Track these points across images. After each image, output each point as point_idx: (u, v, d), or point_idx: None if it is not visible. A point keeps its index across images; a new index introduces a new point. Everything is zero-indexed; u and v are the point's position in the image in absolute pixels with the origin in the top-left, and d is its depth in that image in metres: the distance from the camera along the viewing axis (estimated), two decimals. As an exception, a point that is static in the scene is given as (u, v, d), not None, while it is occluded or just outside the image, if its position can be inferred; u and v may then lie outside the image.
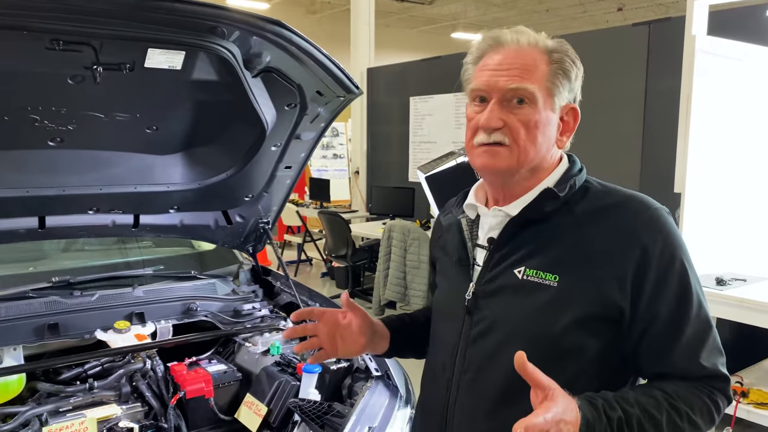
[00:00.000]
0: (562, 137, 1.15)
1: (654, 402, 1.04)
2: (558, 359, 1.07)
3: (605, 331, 1.08)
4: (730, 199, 3.52)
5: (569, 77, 1.11)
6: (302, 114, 2.08)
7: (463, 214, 1.25)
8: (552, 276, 1.08)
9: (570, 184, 1.13)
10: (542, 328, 1.08)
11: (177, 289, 2.47)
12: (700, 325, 1.08)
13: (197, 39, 1.63)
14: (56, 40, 1.48)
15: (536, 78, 1.08)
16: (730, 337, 3.53)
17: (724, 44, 3.34)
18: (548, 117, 1.10)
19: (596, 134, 4.59)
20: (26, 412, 1.85)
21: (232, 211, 2.52)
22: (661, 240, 1.06)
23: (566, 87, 1.11)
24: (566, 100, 1.13)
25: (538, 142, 1.10)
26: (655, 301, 1.06)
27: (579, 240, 1.09)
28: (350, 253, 6.35)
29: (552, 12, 15.54)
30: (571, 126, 1.15)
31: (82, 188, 2.09)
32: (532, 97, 1.08)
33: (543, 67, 1.09)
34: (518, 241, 1.14)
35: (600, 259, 1.06)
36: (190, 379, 2.08)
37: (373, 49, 7.73)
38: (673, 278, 1.06)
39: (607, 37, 4.92)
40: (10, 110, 1.74)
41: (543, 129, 1.10)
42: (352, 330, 1.30)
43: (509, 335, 1.12)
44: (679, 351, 1.07)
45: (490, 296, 1.16)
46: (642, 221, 1.08)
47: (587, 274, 1.06)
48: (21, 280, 2.31)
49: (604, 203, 1.11)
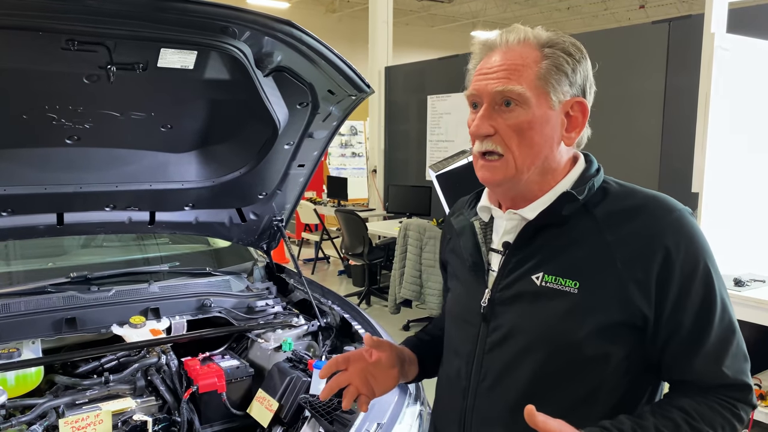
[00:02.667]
0: (570, 134, 1.09)
1: (673, 425, 1.00)
2: (580, 368, 1.05)
3: (628, 338, 1.04)
4: (749, 199, 3.47)
5: (565, 71, 1.05)
6: (314, 113, 2.10)
7: (476, 217, 1.22)
8: (572, 282, 1.04)
9: (588, 186, 1.09)
10: (563, 337, 1.05)
11: (192, 286, 2.50)
12: (724, 331, 1.04)
13: (209, 39, 1.65)
14: (71, 41, 1.52)
15: (525, 77, 1.04)
16: (749, 339, 3.46)
17: (743, 42, 3.30)
18: (545, 115, 1.05)
19: (615, 132, 4.56)
20: (44, 404, 1.89)
21: (246, 209, 2.55)
22: (685, 243, 1.02)
23: (563, 81, 1.05)
24: (568, 94, 1.06)
25: (536, 144, 1.06)
26: (679, 307, 1.02)
27: (600, 244, 1.04)
28: (367, 252, 6.36)
29: (573, 10, 15.41)
30: (579, 121, 1.09)
31: (99, 185, 2.13)
32: (520, 98, 1.04)
33: (533, 65, 1.05)
34: (535, 246, 1.10)
35: (622, 264, 1.02)
36: (203, 374, 2.10)
37: (391, 48, 7.73)
38: (697, 283, 1.02)
39: (627, 34, 4.87)
40: (29, 109, 1.78)
41: (539, 129, 1.05)
42: (382, 365, 1.27)
43: (529, 344, 1.08)
44: (702, 358, 1.03)
45: (507, 303, 1.12)
46: (665, 224, 1.03)
47: (609, 279, 1.02)
48: (40, 276, 2.36)
49: (625, 205, 1.06)
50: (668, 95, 4.41)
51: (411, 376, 1.35)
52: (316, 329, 2.43)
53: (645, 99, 4.54)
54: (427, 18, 16.22)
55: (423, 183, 6.90)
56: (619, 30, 5.37)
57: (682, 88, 4.24)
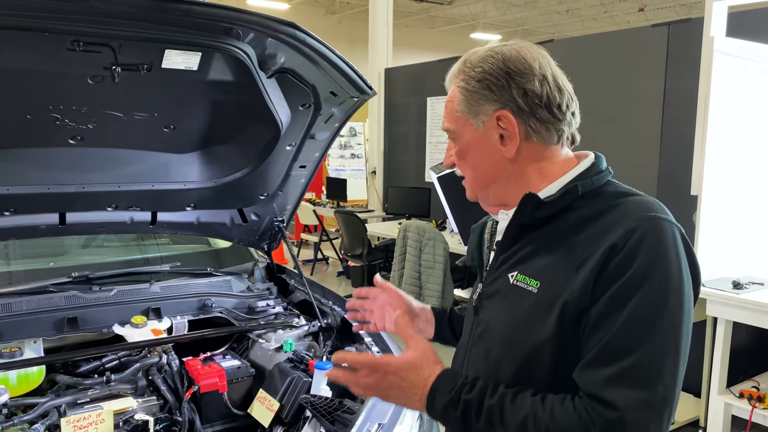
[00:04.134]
0: (506, 147, 1.09)
1: (519, 402, 1.00)
2: (535, 366, 1.05)
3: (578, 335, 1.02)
4: (748, 202, 3.49)
5: (475, 90, 1.09)
6: (316, 114, 2.11)
7: (490, 217, 1.31)
8: (534, 282, 1.07)
9: (568, 188, 1.07)
10: (521, 334, 1.07)
11: (193, 286, 2.50)
12: (630, 344, 0.95)
13: (213, 40, 1.66)
14: (77, 42, 1.53)
15: (449, 112, 1.14)
16: (747, 342, 3.49)
17: (742, 46, 3.31)
18: (475, 139, 1.12)
19: (614, 135, 4.57)
20: (45, 403, 1.89)
21: (247, 210, 2.56)
22: (636, 246, 0.97)
23: (479, 103, 1.09)
24: (492, 110, 1.08)
25: (479, 165, 1.14)
26: (602, 300, 0.97)
27: (565, 247, 1.05)
28: (366, 253, 6.37)
29: (573, 12, 15.43)
30: (510, 132, 1.08)
31: (102, 185, 2.14)
32: (453, 133, 1.15)
33: (453, 99, 1.13)
34: (518, 246, 1.13)
35: (579, 265, 1.01)
36: (204, 374, 2.11)
37: (390, 50, 7.75)
38: (629, 286, 0.96)
39: (626, 37, 4.88)
40: (33, 109, 1.79)
41: (475, 152, 1.13)
42: (390, 309, 1.43)
43: (495, 338, 1.13)
44: (590, 359, 0.98)
45: (489, 298, 1.17)
46: (626, 223, 0.99)
47: (565, 281, 1.02)
48: (42, 275, 2.36)
49: (601, 208, 1.05)
50: (667, 98, 4.42)
51: (425, 334, 1.46)
52: (317, 330, 2.44)
53: (644, 102, 4.55)
54: (426, 20, 16.24)
55: (422, 185, 6.91)
56: (619, 33, 5.38)
57: (682, 92, 4.26)
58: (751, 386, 3.40)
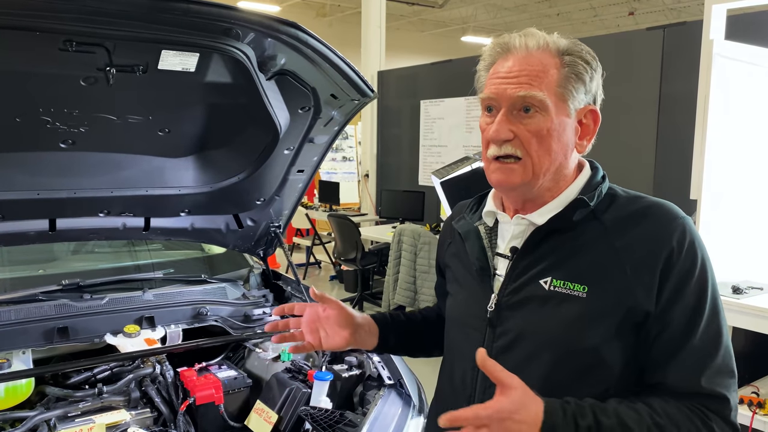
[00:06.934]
0: (582, 141, 1.11)
1: (635, 416, 0.98)
2: (588, 373, 1.04)
3: (635, 342, 1.05)
4: (747, 206, 3.47)
5: (583, 80, 1.07)
6: (316, 117, 2.06)
7: (480, 221, 1.22)
8: (581, 287, 1.04)
9: (597, 192, 1.10)
10: (573, 341, 1.05)
11: (187, 293, 2.44)
12: (709, 339, 1.03)
13: (211, 41, 1.60)
14: (69, 41, 1.47)
15: (546, 84, 1.05)
16: (747, 347, 3.47)
17: (741, 49, 3.29)
18: (562, 123, 1.06)
19: (609, 139, 4.55)
20: (35, 416, 1.83)
21: (243, 215, 2.50)
22: (686, 246, 1.03)
23: (581, 90, 1.07)
24: (583, 102, 1.08)
25: (553, 151, 1.07)
26: (672, 304, 1.02)
27: (607, 249, 1.05)
28: (360, 257, 6.32)
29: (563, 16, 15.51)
30: (591, 129, 1.11)
31: (93, 191, 2.07)
32: (541, 104, 1.04)
33: (554, 72, 1.05)
34: (543, 251, 1.10)
35: (630, 268, 1.03)
36: (199, 384, 2.05)
37: (383, 53, 7.72)
38: (692, 284, 1.03)
39: (621, 41, 4.87)
40: (22, 112, 1.72)
41: (558, 136, 1.06)
42: (332, 322, 1.28)
43: (538, 348, 1.08)
44: (680, 362, 1.02)
45: (514, 308, 1.11)
46: (671, 228, 1.04)
47: (617, 284, 1.03)
48: (30, 283, 2.29)
49: (631, 211, 1.08)
50: (663, 102, 4.41)
51: (368, 345, 1.35)
52: (315, 338, 2.38)
53: (640, 106, 4.54)
54: (417, 23, 16.24)
55: (415, 188, 6.87)
56: (614, 36, 5.37)
57: (677, 96, 4.25)
58: (751, 392, 3.37)
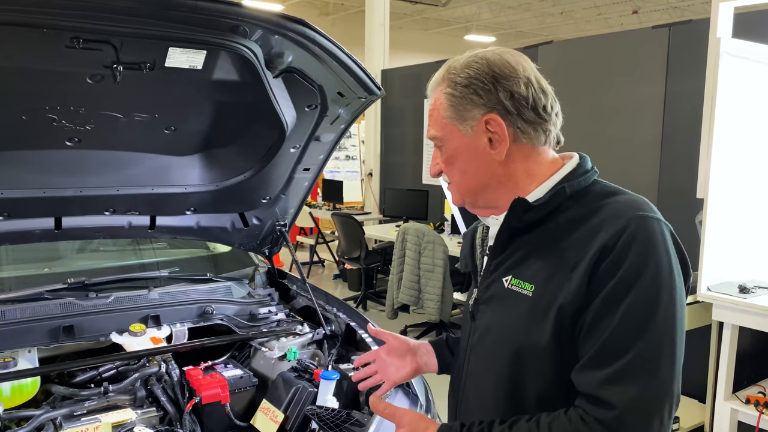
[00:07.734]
0: (496, 150, 1.10)
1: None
2: (537, 369, 1.07)
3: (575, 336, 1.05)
4: (754, 205, 3.45)
5: (467, 98, 1.09)
6: (323, 115, 2.05)
7: (480, 222, 1.30)
8: (529, 286, 1.08)
9: (556, 190, 1.09)
10: (521, 338, 1.08)
11: (192, 292, 2.43)
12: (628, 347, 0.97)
13: (219, 38, 1.60)
14: (76, 39, 1.46)
15: (436, 120, 1.13)
16: (753, 346, 3.46)
17: (749, 47, 3.27)
18: (464, 145, 1.12)
19: (614, 138, 4.53)
20: (41, 415, 1.82)
21: (248, 214, 2.49)
22: (623, 246, 0.98)
23: (468, 107, 1.09)
24: (480, 114, 1.08)
25: (468, 170, 1.13)
26: (597, 306, 0.99)
27: (556, 249, 1.06)
28: (363, 256, 6.31)
29: (566, 15, 15.45)
30: (500, 136, 1.09)
31: (99, 189, 2.07)
32: (440, 140, 1.14)
33: (440, 106, 1.12)
34: (510, 250, 1.14)
35: (570, 267, 1.02)
36: (205, 383, 2.04)
37: (387, 51, 7.70)
38: (621, 288, 0.98)
39: (626, 39, 4.84)
40: (29, 110, 1.72)
41: (464, 158, 1.12)
42: (392, 355, 1.43)
43: (498, 343, 1.13)
44: (588, 362, 1.00)
45: (485, 303, 1.18)
46: (612, 226, 1.00)
47: (560, 284, 1.03)
48: (36, 281, 2.29)
49: (591, 208, 1.06)
50: (668, 100, 4.39)
51: (431, 367, 1.43)
52: (321, 337, 2.37)
53: (645, 104, 4.52)
54: (420, 22, 16.21)
55: (419, 187, 6.86)
56: (619, 35, 5.33)
57: (683, 94, 4.23)
58: (758, 392, 3.36)
